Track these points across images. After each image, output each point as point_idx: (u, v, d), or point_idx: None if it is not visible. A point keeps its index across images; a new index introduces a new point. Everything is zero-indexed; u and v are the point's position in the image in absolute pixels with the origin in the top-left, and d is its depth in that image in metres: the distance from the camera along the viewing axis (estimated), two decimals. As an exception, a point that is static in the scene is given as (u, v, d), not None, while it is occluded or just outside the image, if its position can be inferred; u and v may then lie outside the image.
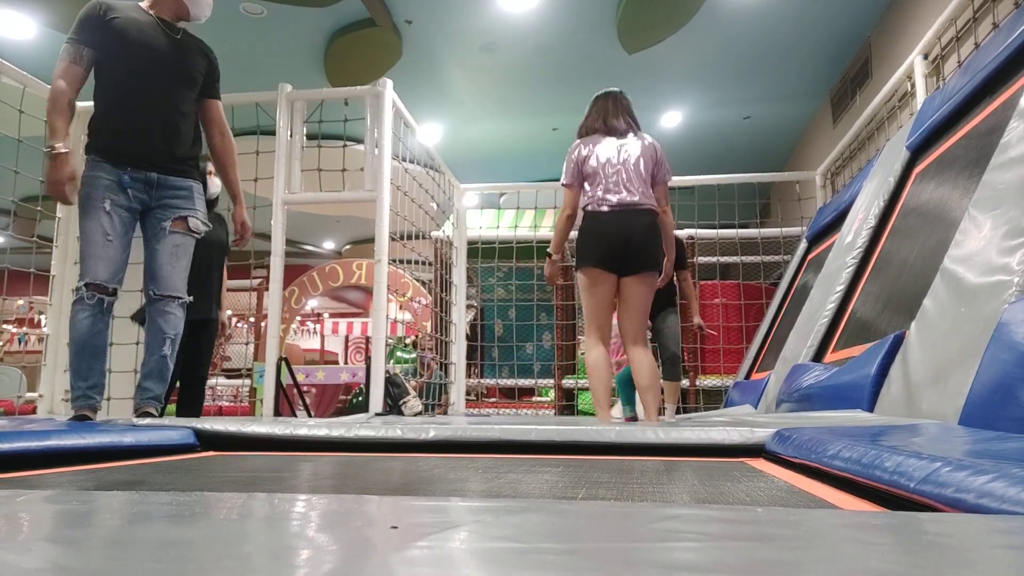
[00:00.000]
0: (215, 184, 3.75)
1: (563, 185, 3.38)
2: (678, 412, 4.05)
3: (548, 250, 3.43)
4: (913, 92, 4.77)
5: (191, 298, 3.00)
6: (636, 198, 3.25)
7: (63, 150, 2.66)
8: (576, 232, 3.38)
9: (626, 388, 4.72)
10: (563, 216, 3.37)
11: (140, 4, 2.94)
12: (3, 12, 6.00)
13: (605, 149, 3.36)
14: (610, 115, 3.44)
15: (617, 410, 4.18)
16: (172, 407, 4.16)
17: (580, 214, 3.37)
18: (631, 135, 3.41)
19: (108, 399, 4.40)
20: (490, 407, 7.36)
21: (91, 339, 2.75)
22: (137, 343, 3.58)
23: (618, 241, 3.20)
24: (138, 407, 2.85)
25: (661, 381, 4.09)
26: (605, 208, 3.24)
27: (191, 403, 3.94)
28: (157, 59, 2.85)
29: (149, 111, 2.84)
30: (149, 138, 2.83)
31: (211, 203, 3.76)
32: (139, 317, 3.57)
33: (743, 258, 6.80)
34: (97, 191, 2.75)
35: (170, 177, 2.88)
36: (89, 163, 2.80)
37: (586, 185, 3.34)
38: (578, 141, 3.44)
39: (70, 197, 2.71)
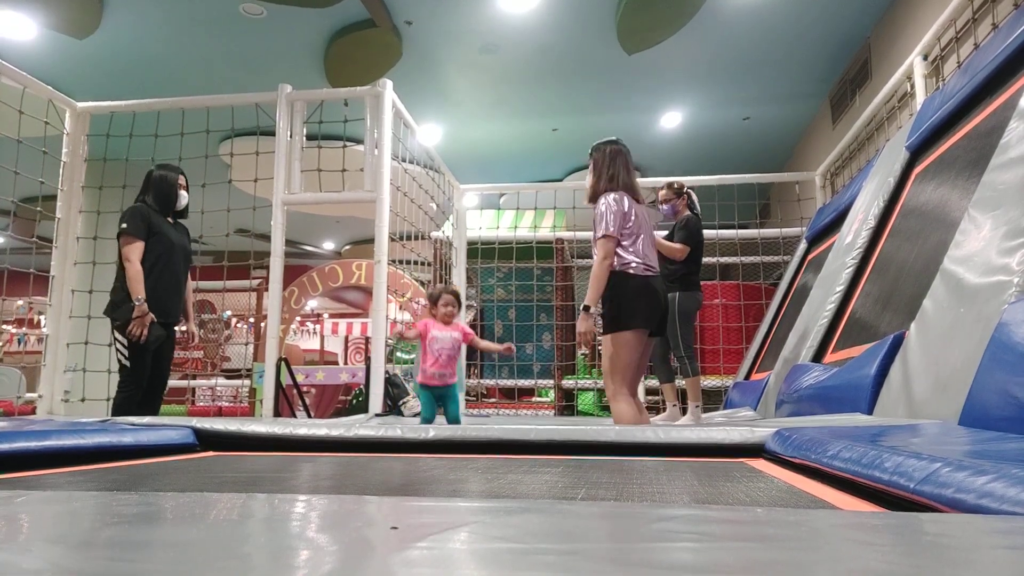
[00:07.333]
0: (183, 197, 3.81)
1: (607, 236, 3.23)
2: None
3: (586, 303, 3.24)
4: (913, 93, 4.77)
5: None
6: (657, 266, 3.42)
7: None
8: (611, 288, 3.28)
9: None
10: (605, 266, 3.22)
11: None
12: (3, 12, 6.00)
13: (641, 211, 3.38)
14: (632, 175, 3.43)
15: None
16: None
17: (616, 268, 3.26)
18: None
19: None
20: (490, 407, 7.36)
21: None
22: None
23: (664, 307, 3.37)
24: None
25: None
26: (652, 274, 3.30)
27: (152, 412, 3.66)
28: None
29: None
30: None
31: (179, 213, 3.82)
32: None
33: (743, 258, 6.80)
34: None
35: None
36: None
37: (625, 242, 3.28)
38: (623, 194, 3.34)
39: None
